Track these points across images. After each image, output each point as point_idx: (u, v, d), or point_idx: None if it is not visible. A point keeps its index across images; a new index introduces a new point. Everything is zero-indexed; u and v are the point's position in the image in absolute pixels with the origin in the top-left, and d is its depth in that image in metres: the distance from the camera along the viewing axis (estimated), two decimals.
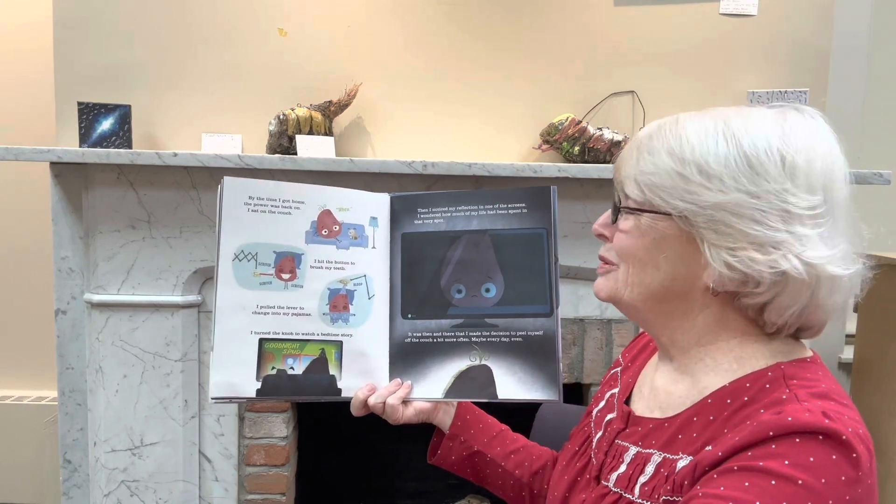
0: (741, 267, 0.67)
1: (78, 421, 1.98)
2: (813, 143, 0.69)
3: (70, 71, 1.89)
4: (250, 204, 0.89)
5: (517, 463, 0.99)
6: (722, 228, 0.68)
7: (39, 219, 2.15)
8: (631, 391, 0.86)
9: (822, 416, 0.62)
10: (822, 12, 1.97)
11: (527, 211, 0.91)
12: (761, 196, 0.67)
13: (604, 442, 0.82)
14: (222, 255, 0.88)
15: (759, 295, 0.69)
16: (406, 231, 0.95)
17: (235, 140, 1.89)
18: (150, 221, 1.85)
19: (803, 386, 0.68)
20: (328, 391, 0.90)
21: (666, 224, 0.72)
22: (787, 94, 1.94)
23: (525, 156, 1.98)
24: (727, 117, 0.72)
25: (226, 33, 1.91)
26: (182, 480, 1.93)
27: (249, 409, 1.95)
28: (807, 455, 0.60)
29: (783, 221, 0.67)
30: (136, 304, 1.87)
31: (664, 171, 0.71)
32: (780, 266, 0.66)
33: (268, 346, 0.89)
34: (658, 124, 0.75)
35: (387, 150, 1.96)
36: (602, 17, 1.95)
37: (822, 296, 0.69)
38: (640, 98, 1.96)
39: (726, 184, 0.68)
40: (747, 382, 0.70)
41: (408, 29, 1.94)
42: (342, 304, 0.92)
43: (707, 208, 0.68)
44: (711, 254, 0.69)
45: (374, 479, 2.37)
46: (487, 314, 0.90)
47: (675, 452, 0.71)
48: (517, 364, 0.88)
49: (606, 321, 1.98)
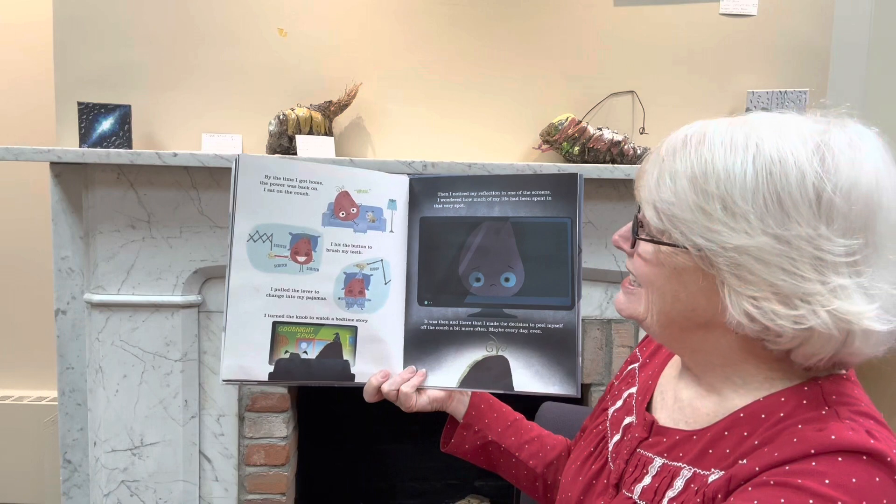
0: (762, 319, 0.62)
1: (78, 421, 1.98)
2: (856, 175, 0.61)
3: (70, 71, 1.89)
4: (266, 183, 0.88)
5: (531, 453, 0.98)
6: (745, 275, 0.62)
7: (39, 219, 2.15)
8: (652, 395, 0.82)
9: (867, 435, 0.59)
10: (822, 12, 1.97)
11: (551, 199, 0.88)
12: (791, 241, 0.60)
13: (623, 448, 0.79)
14: (236, 236, 0.87)
15: (780, 343, 0.63)
16: (425, 215, 0.93)
17: (235, 140, 1.89)
18: (150, 221, 1.85)
19: (844, 403, 0.64)
20: (341, 376, 0.89)
21: (685, 258, 0.66)
22: (787, 94, 1.94)
23: (525, 156, 1.98)
24: (760, 137, 0.63)
25: (226, 33, 1.91)
26: (182, 480, 1.93)
27: (249, 409, 1.95)
28: (849, 475, 0.57)
29: (815, 270, 0.60)
30: (136, 304, 1.86)
31: (685, 203, 0.64)
32: (807, 322, 0.60)
33: (281, 330, 0.88)
34: (684, 138, 0.67)
35: (387, 150, 1.96)
36: (602, 17, 1.95)
37: (857, 346, 0.62)
38: (640, 98, 1.96)
39: (752, 225, 0.61)
40: (782, 397, 0.66)
41: (408, 29, 1.94)
42: (358, 288, 0.90)
43: (729, 250, 0.62)
44: (731, 300, 0.63)
45: (374, 479, 2.37)
46: (506, 304, 0.88)
47: (706, 468, 0.67)
48: (535, 357, 0.87)
49: (606, 321, 1.98)
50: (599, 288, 1.96)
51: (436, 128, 1.96)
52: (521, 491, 1.10)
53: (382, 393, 0.88)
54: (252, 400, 1.95)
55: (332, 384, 0.90)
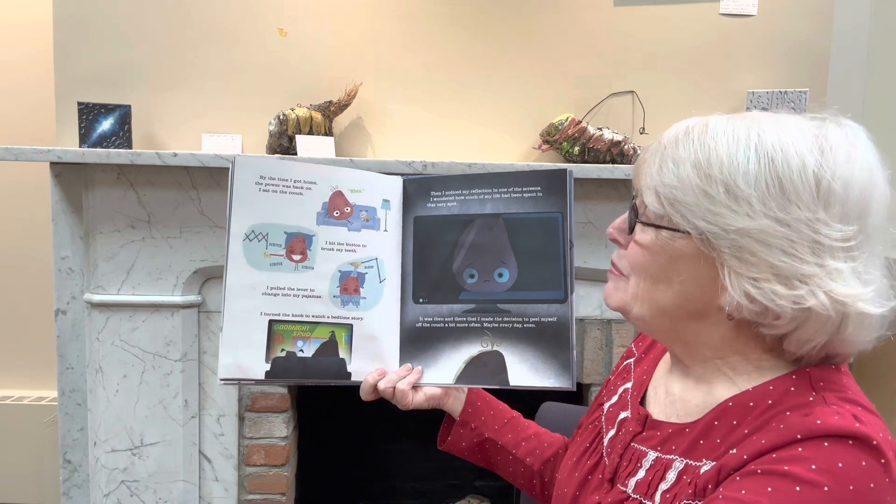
0: (762, 299, 0.63)
1: (78, 421, 1.98)
2: (851, 167, 0.64)
3: (70, 71, 1.89)
4: (261, 183, 0.89)
5: (528, 450, 0.98)
6: (746, 256, 0.63)
7: (39, 219, 2.15)
8: (646, 390, 0.83)
9: (853, 419, 0.60)
10: (821, 12, 1.97)
11: (542, 194, 0.89)
12: (791, 224, 0.62)
13: (618, 443, 0.79)
14: (233, 235, 0.88)
15: (777, 327, 0.65)
16: (419, 214, 0.94)
17: (235, 140, 1.89)
18: (150, 221, 1.85)
19: (831, 389, 0.65)
20: (338, 375, 0.90)
21: (684, 243, 0.67)
22: (786, 94, 1.94)
23: (525, 156, 1.98)
24: (762, 129, 0.65)
25: (226, 33, 1.91)
26: (182, 480, 1.93)
27: (249, 409, 1.95)
28: (835, 460, 0.58)
29: (813, 253, 0.62)
30: (136, 304, 1.87)
31: (688, 187, 0.66)
32: (806, 303, 0.62)
33: (277, 328, 0.89)
34: (686, 128, 0.69)
35: (387, 150, 1.96)
36: (602, 17, 1.95)
37: (850, 332, 0.64)
38: (640, 98, 1.96)
39: (754, 208, 0.63)
40: (770, 386, 0.67)
41: (408, 29, 1.94)
42: (353, 286, 0.91)
43: (731, 233, 0.64)
44: (731, 281, 0.65)
45: (374, 479, 2.37)
46: (500, 299, 0.89)
47: (697, 459, 0.68)
48: (529, 351, 0.87)
49: (606, 321, 1.98)
50: (599, 288, 1.96)
51: (436, 128, 1.96)
52: (520, 491, 1.10)
53: (379, 391, 0.89)
54: (252, 400, 1.95)
55: (329, 383, 0.90)
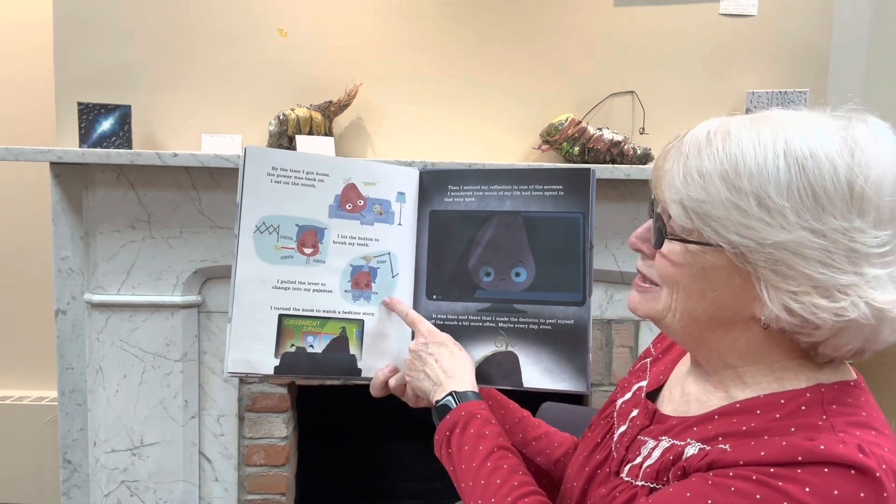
0: (803, 313, 0.61)
1: (78, 421, 1.98)
2: (883, 169, 0.62)
3: (70, 71, 1.88)
4: (273, 175, 0.87)
5: (538, 450, 0.97)
6: (783, 270, 0.62)
7: (39, 219, 2.14)
8: (660, 386, 0.83)
9: (857, 449, 0.59)
10: (822, 12, 1.97)
11: (563, 193, 0.87)
12: (827, 234, 0.60)
13: (626, 437, 0.79)
14: (243, 227, 0.86)
15: (815, 335, 0.63)
16: (435, 208, 0.91)
17: (235, 140, 1.89)
18: (150, 221, 1.85)
19: (842, 413, 0.64)
20: (348, 371, 0.88)
21: (716, 256, 0.65)
22: (787, 94, 1.94)
23: (525, 156, 1.98)
24: (788, 134, 0.63)
25: (226, 33, 1.90)
26: (182, 480, 1.93)
27: (249, 410, 1.95)
28: (832, 487, 0.57)
29: (850, 262, 0.61)
30: (136, 304, 1.86)
31: (717, 200, 0.63)
32: (848, 315, 0.60)
33: (287, 323, 0.87)
34: (707, 135, 0.66)
35: (387, 151, 1.96)
36: (602, 17, 1.95)
37: (885, 335, 0.63)
38: (640, 98, 1.96)
39: (789, 220, 0.61)
40: (782, 399, 0.66)
41: (408, 29, 1.94)
42: (364, 281, 0.90)
43: (767, 247, 0.61)
44: (770, 295, 0.63)
45: (374, 479, 2.37)
46: (516, 299, 0.87)
47: (683, 439, 0.69)
48: (545, 353, 0.86)
49: (606, 321, 1.98)
50: (600, 288, 1.96)
51: (436, 128, 1.96)
52: None
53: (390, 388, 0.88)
54: (252, 400, 1.95)
55: (339, 379, 0.89)
